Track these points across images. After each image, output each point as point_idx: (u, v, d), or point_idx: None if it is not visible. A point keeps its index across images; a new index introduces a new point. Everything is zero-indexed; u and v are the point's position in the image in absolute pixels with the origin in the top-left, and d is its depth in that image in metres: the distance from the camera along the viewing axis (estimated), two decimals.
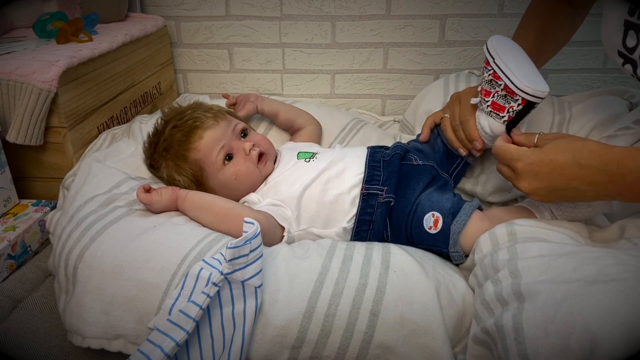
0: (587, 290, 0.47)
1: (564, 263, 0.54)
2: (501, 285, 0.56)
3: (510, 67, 0.72)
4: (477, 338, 0.57)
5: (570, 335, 0.45)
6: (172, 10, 1.33)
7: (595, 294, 0.46)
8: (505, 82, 0.72)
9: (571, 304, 0.47)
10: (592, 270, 0.51)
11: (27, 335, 0.70)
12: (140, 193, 0.73)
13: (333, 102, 1.39)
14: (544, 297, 0.50)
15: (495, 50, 0.75)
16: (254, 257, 0.58)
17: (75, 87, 0.92)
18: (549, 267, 0.54)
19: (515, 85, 0.71)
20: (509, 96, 0.73)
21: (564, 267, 0.53)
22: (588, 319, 0.45)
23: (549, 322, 0.47)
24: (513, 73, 0.72)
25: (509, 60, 0.73)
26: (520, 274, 0.55)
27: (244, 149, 0.83)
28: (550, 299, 0.49)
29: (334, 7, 1.27)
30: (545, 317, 0.48)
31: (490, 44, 0.76)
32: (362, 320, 0.58)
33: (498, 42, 0.76)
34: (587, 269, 0.51)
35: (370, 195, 0.78)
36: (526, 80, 0.71)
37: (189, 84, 1.43)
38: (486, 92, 0.77)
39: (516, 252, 0.59)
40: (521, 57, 0.76)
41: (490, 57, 0.75)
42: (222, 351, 0.57)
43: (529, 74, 0.72)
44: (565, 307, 0.47)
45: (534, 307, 0.50)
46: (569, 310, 0.46)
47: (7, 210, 0.90)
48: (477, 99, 0.79)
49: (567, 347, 0.45)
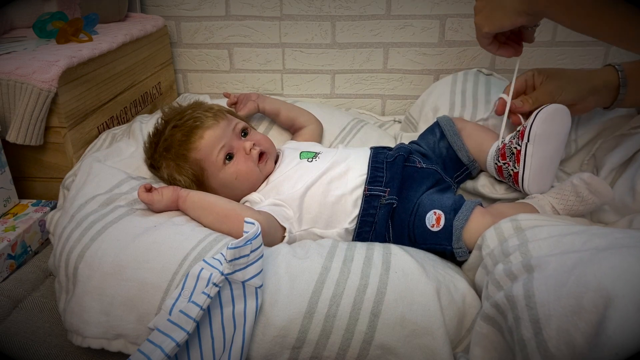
0: (599, 255, 0.47)
1: (573, 239, 0.54)
2: (511, 264, 0.56)
3: (533, 162, 0.75)
4: (486, 315, 0.56)
5: (583, 295, 0.44)
6: (172, 10, 1.33)
7: (607, 257, 0.45)
8: (519, 170, 0.77)
9: (584, 268, 0.46)
10: (603, 242, 0.50)
11: (27, 335, 0.70)
12: (142, 192, 0.73)
13: (333, 102, 1.39)
14: (555, 265, 0.49)
15: (535, 135, 0.75)
16: (255, 258, 0.58)
17: (75, 87, 0.92)
18: (558, 244, 0.54)
19: (522, 180, 0.77)
20: (514, 180, 0.79)
21: (574, 241, 0.53)
22: (601, 278, 0.43)
23: (560, 286, 0.46)
24: (529, 170, 0.76)
25: (538, 151, 0.75)
26: (530, 253, 0.55)
27: (244, 149, 0.83)
28: (562, 266, 0.48)
29: (334, 7, 1.27)
30: (556, 282, 0.47)
31: (536, 127, 0.75)
32: (363, 320, 0.58)
33: (545, 124, 0.75)
34: (598, 241, 0.51)
35: (373, 196, 0.78)
36: (534, 181, 0.76)
37: (189, 84, 1.43)
38: (502, 155, 0.80)
39: (526, 237, 0.59)
40: (553, 148, 0.76)
41: (527, 137, 0.75)
42: (222, 351, 0.57)
43: (543, 171, 0.76)
44: (578, 270, 0.46)
45: (545, 274, 0.49)
46: (581, 273, 0.45)
47: (7, 210, 0.90)
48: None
49: (580, 306, 0.44)
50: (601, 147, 0.85)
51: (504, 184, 0.85)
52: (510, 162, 0.78)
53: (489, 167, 0.84)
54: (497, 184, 0.86)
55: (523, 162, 0.75)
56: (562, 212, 0.74)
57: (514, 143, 0.77)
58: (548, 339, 0.46)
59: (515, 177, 0.78)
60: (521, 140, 0.76)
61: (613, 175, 0.81)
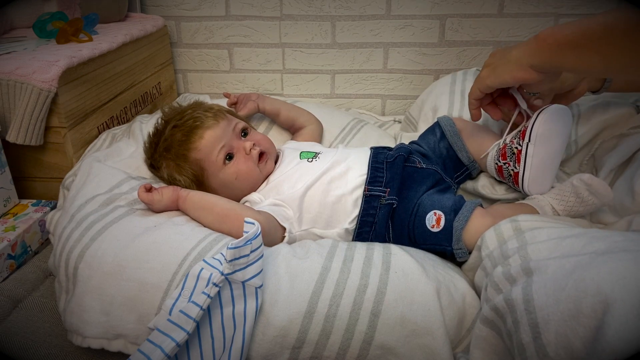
0: (598, 259, 0.46)
1: (572, 242, 0.53)
2: (510, 267, 0.56)
3: (533, 162, 0.75)
4: (485, 318, 0.56)
5: (582, 299, 0.44)
6: (172, 10, 1.33)
7: (606, 262, 0.45)
8: (519, 170, 0.76)
9: (582, 272, 0.46)
10: (602, 245, 0.50)
11: (27, 335, 0.70)
12: (142, 192, 0.73)
13: (333, 102, 1.39)
14: (554, 268, 0.49)
15: (536, 135, 0.74)
16: (255, 258, 0.58)
17: (75, 87, 0.92)
18: (558, 247, 0.54)
19: (522, 181, 0.77)
20: (514, 181, 0.79)
21: (573, 245, 0.53)
22: (600, 283, 0.43)
23: (559, 290, 0.46)
24: (529, 170, 0.76)
25: (539, 151, 0.75)
26: (529, 256, 0.55)
27: (244, 148, 0.83)
28: (560, 269, 0.48)
29: (334, 7, 1.27)
30: (555, 286, 0.47)
31: (537, 127, 0.74)
32: (363, 320, 0.58)
33: (547, 124, 0.74)
34: (597, 245, 0.51)
35: (373, 196, 0.78)
36: (534, 181, 0.76)
37: (189, 84, 1.43)
38: (503, 155, 0.80)
39: (525, 239, 0.59)
40: (554, 148, 0.76)
41: (528, 138, 0.75)
42: (222, 351, 0.57)
43: (543, 172, 0.76)
44: (577, 275, 0.46)
45: (544, 278, 0.49)
46: (580, 278, 0.45)
47: (7, 210, 0.90)
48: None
49: (578, 311, 0.44)
50: (601, 147, 0.85)
51: (504, 185, 0.85)
52: (510, 162, 0.78)
53: (489, 167, 0.84)
54: (497, 185, 0.86)
55: (524, 162, 0.75)
56: (562, 213, 0.74)
57: (515, 143, 0.77)
58: (547, 343, 0.46)
59: (515, 177, 0.78)
60: (522, 140, 0.76)
61: (612, 176, 0.81)
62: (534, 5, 1.22)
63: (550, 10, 1.22)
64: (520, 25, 1.24)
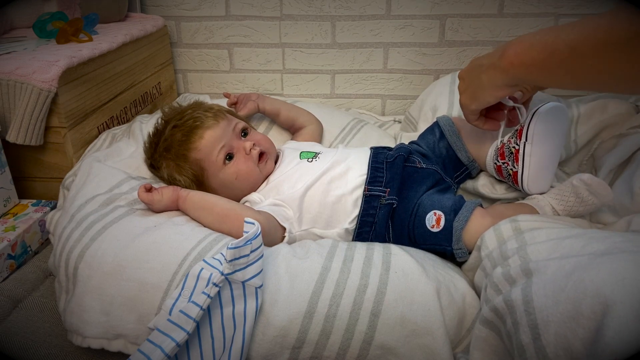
0: (597, 260, 0.46)
1: (572, 242, 0.53)
2: (510, 267, 0.56)
3: (531, 161, 0.75)
4: (484, 319, 0.56)
5: (581, 301, 0.44)
6: (172, 10, 1.33)
7: (606, 263, 0.45)
8: (518, 170, 0.77)
9: (582, 273, 0.46)
10: (601, 246, 0.50)
11: (27, 335, 0.70)
12: (142, 192, 0.73)
13: (333, 102, 1.39)
14: (553, 269, 0.49)
15: (533, 134, 0.74)
16: (255, 258, 0.58)
17: (75, 87, 0.92)
18: (557, 248, 0.54)
19: (522, 180, 0.77)
20: (513, 179, 0.79)
21: (572, 245, 0.53)
22: (599, 284, 0.43)
23: (559, 291, 0.46)
24: (528, 169, 0.75)
25: (537, 150, 0.75)
26: (529, 257, 0.55)
27: (244, 149, 0.83)
28: (560, 270, 0.48)
29: (334, 7, 1.27)
30: (555, 287, 0.47)
31: (533, 126, 0.74)
32: (363, 320, 0.58)
33: (543, 122, 0.74)
34: (597, 245, 0.51)
35: (373, 196, 0.78)
36: (533, 180, 0.76)
37: (189, 84, 1.43)
38: (501, 154, 0.79)
39: (525, 240, 0.59)
40: (552, 146, 0.76)
41: (525, 137, 0.75)
42: (222, 351, 0.57)
43: (542, 170, 0.75)
44: (576, 276, 0.46)
45: (543, 279, 0.49)
46: (579, 279, 0.45)
47: (7, 210, 0.90)
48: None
49: (578, 312, 0.44)
50: (600, 147, 0.85)
51: (504, 184, 0.85)
52: (509, 162, 0.78)
53: (489, 167, 0.84)
54: (497, 184, 0.86)
55: (522, 161, 0.75)
56: (561, 213, 0.74)
57: (512, 142, 0.77)
58: (546, 344, 0.46)
59: (514, 176, 0.78)
60: (519, 139, 0.76)
61: (612, 176, 0.81)
62: (534, 5, 1.22)
63: (550, 10, 1.22)
64: (520, 25, 1.24)
